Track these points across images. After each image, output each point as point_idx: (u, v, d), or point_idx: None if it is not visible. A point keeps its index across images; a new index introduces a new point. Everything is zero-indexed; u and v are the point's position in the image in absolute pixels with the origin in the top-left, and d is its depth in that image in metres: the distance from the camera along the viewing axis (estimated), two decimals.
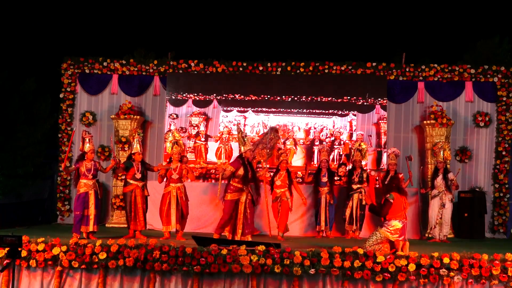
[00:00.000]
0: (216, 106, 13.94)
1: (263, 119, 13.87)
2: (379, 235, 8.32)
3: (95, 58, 14.08)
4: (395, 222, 8.32)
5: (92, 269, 7.88)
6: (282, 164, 11.41)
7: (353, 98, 13.71)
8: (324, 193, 11.84)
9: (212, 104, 13.94)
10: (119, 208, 13.19)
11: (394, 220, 8.34)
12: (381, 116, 13.78)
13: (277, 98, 13.77)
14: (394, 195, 8.39)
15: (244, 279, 7.69)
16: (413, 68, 13.82)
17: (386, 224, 8.40)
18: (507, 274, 7.44)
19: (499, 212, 13.39)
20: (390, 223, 8.34)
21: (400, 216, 8.39)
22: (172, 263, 7.66)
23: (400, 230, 8.30)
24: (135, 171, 10.34)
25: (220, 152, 13.66)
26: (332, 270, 7.53)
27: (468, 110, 13.83)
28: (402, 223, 8.36)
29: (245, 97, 13.87)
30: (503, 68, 13.69)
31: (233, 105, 13.94)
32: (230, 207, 9.86)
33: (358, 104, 13.73)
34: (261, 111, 13.93)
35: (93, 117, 14.01)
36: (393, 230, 8.27)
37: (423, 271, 7.46)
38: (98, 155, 13.56)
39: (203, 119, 13.96)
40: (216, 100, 13.90)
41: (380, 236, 8.30)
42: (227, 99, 13.89)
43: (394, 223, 8.31)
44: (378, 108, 13.77)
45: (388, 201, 8.38)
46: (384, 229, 8.34)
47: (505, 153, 13.54)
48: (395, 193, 8.44)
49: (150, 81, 14.09)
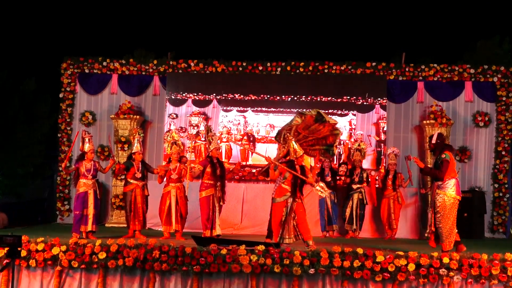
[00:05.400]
0: (215, 106, 13.93)
1: (265, 119, 13.86)
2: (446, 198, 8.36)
3: (95, 58, 14.08)
4: (453, 180, 8.39)
5: (92, 269, 7.86)
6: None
7: (353, 98, 13.70)
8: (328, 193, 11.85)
9: (212, 104, 13.94)
10: (118, 207, 13.19)
11: (451, 179, 8.40)
12: (380, 116, 13.78)
13: (277, 98, 13.76)
14: (448, 154, 8.44)
15: (243, 279, 7.68)
16: (412, 68, 13.82)
17: (445, 186, 8.42)
18: (507, 274, 7.44)
19: (498, 212, 13.39)
20: (449, 183, 8.40)
21: (455, 174, 8.47)
22: (171, 263, 7.66)
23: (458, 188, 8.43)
24: (135, 171, 10.37)
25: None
26: (331, 270, 7.52)
27: (467, 110, 13.82)
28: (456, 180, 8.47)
29: (245, 97, 13.86)
30: (502, 68, 13.69)
31: (233, 104, 13.94)
32: (207, 203, 9.94)
33: (357, 104, 13.73)
34: (260, 110, 13.92)
35: (93, 117, 14.00)
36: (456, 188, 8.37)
37: (423, 271, 7.45)
38: (98, 155, 13.54)
39: (203, 118, 13.96)
40: (215, 99, 13.90)
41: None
42: (227, 98, 13.89)
43: (452, 182, 8.39)
44: (378, 108, 13.77)
45: (445, 160, 8.37)
46: (449, 191, 8.36)
47: (505, 153, 13.54)
48: (448, 151, 8.49)
49: (150, 81, 14.10)
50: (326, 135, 10.04)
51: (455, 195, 8.35)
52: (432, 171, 8.68)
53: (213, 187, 10.02)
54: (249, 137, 13.90)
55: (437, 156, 8.60)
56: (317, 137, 10.02)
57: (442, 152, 8.50)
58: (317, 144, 10.07)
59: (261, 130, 13.91)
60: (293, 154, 9.14)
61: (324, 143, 10.09)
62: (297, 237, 9.03)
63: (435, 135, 8.77)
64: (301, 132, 9.95)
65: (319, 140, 10.07)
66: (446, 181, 8.38)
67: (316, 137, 10.01)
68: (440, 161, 8.44)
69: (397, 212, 12.07)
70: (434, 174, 8.60)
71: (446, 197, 8.33)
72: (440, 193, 8.40)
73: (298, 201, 9.08)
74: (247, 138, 13.88)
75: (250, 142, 13.83)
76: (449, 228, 8.28)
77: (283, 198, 9.05)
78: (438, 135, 8.78)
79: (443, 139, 8.85)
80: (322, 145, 10.09)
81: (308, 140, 9.98)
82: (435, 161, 8.73)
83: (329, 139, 10.09)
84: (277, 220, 9.08)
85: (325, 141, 10.09)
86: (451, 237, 8.30)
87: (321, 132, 10.00)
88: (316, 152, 10.10)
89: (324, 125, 10.00)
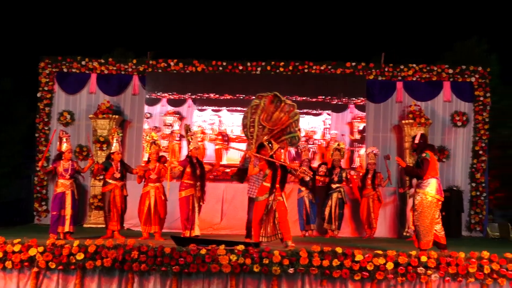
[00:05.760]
0: (190, 106, 13.91)
1: (240, 119, 13.83)
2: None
3: (73, 57, 14.00)
4: (433, 180, 8.43)
5: (69, 270, 7.75)
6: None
7: (328, 98, 13.77)
8: (306, 192, 11.88)
9: (187, 103, 13.90)
10: (97, 208, 13.11)
11: (431, 178, 8.44)
12: (354, 115, 13.87)
13: (252, 97, 13.73)
14: (429, 153, 8.49)
15: (223, 279, 7.63)
16: (392, 68, 13.91)
17: (425, 184, 8.46)
18: (483, 272, 7.49)
19: (475, 211, 13.54)
20: (429, 182, 8.43)
21: (436, 174, 8.52)
22: (150, 263, 7.58)
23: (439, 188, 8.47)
24: (114, 171, 10.31)
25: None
26: (310, 269, 7.51)
27: (446, 109, 13.95)
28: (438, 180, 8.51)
29: (220, 96, 13.86)
30: (480, 69, 13.83)
31: (208, 104, 13.92)
32: (187, 203, 9.91)
33: (332, 103, 13.80)
34: (235, 110, 13.91)
35: (71, 116, 13.90)
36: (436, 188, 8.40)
37: (401, 270, 7.47)
38: (76, 155, 13.45)
39: (178, 118, 13.94)
40: (190, 99, 13.87)
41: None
42: (202, 98, 13.87)
43: (432, 181, 8.42)
44: (352, 107, 13.88)
45: (425, 159, 8.43)
46: (428, 189, 8.40)
47: (482, 152, 13.69)
48: (430, 151, 8.54)
49: (129, 81, 14.05)
50: (288, 124, 10.15)
51: (435, 194, 8.40)
52: (414, 170, 8.76)
53: (193, 187, 9.98)
54: (223, 137, 13.90)
55: (418, 155, 8.68)
56: (281, 127, 10.11)
57: (423, 152, 8.57)
58: (283, 135, 10.20)
59: (235, 129, 13.87)
60: (269, 150, 9.15)
61: (288, 131, 10.22)
62: (277, 236, 9.01)
63: (418, 135, 8.85)
64: (265, 124, 10.08)
65: (283, 130, 10.18)
66: (426, 180, 8.45)
67: (279, 128, 10.11)
68: (421, 160, 8.52)
69: (376, 211, 12.13)
70: (415, 172, 8.68)
71: (425, 196, 8.39)
72: (419, 191, 8.47)
73: (280, 199, 9.03)
74: (221, 138, 13.86)
75: (225, 142, 13.82)
76: (427, 226, 8.34)
77: (264, 196, 9.01)
78: (421, 135, 8.86)
79: (426, 139, 8.94)
80: (287, 134, 10.20)
81: (274, 134, 10.06)
82: (416, 160, 8.80)
83: (291, 126, 10.22)
84: (257, 219, 9.05)
85: (289, 129, 10.20)
86: (428, 235, 8.35)
87: (283, 121, 10.13)
88: (284, 143, 10.18)
89: (284, 112, 10.15)
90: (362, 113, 13.91)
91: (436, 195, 8.41)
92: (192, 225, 9.91)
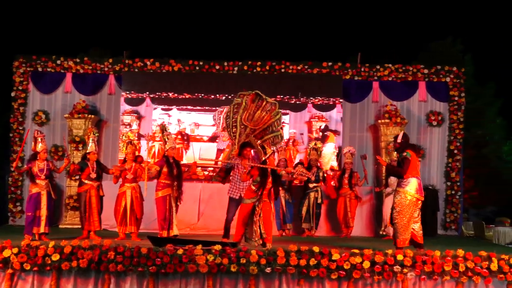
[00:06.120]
0: (149, 105, 13.87)
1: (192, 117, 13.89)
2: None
3: (48, 56, 13.85)
4: (414, 179, 8.48)
5: (45, 271, 7.66)
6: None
7: (286, 97, 13.79)
8: (283, 192, 11.90)
9: (145, 102, 13.88)
10: (73, 208, 12.99)
11: (412, 178, 8.49)
12: (312, 114, 14.08)
13: (204, 96, 13.85)
14: (410, 152, 8.55)
15: (200, 279, 7.61)
16: (368, 68, 13.99)
17: (405, 183, 8.52)
18: (459, 270, 7.56)
19: (451, 210, 13.68)
20: (409, 181, 8.49)
21: (417, 174, 8.59)
22: (127, 264, 7.53)
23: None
24: (90, 171, 10.22)
25: (153, 151, 13.63)
26: (288, 269, 7.52)
27: (421, 109, 14.07)
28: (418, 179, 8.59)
29: (179, 96, 13.84)
30: (455, 69, 13.98)
31: (165, 103, 13.95)
32: (164, 203, 9.86)
33: (290, 102, 13.84)
34: (186, 109, 14.04)
35: (46, 116, 13.74)
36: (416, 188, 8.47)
37: (378, 268, 7.51)
38: (52, 155, 13.31)
39: (135, 117, 13.93)
40: (149, 98, 13.83)
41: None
42: (160, 97, 13.84)
43: (413, 181, 8.46)
44: (310, 106, 14.04)
45: (406, 159, 8.49)
46: (408, 188, 8.47)
47: (457, 151, 13.83)
48: (411, 150, 8.60)
49: (105, 80, 13.93)
50: (270, 123, 10.14)
51: (414, 193, 8.48)
52: (395, 169, 8.84)
53: (170, 187, 9.93)
54: (182, 136, 13.93)
55: (400, 155, 8.76)
56: (263, 127, 10.10)
57: (405, 151, 8.65)
58: (265, 134, 10.19)
59: (202, 129, 14.00)
60: (263, 155, 9.13)
61: (270, 130, 10.21)
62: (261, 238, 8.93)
63: (400, 135, 8.92)
64: (248, 124, 10.05)
65: (265, 130, 10.17)
66: (407, 179, 8.53)
67: (261, 127, 10.10)
68: (401, 159, 8.60)
69: (353, 210, 12.19)
70: (396, 171, 8.76)
71: (404, 195, 8.47)
72: (400, 190, 8.55)
73: (266, 200, 8.99)
74: (181, 137, 13.85)
75: (185, 141, 13.82)
76: (404, 225, 8.42)
77: (251, 200, 8.99)
78: (403, 135, 8.93)
79: (407, 139, 8.99)
80: (269, 133, 10.19)
81: (257, 134, 10.05)
82: (397, 160, 8.88)
83: (273, 125, 10.21)
84: (240, 219, 9.05)
85: (271, 128, 10.20)
86: (405, 234, 8.42)
87: (265, 120, 10.13)
88: (267, 143, 10.17)
89: (264, 109, 10.12)
90: (320, 112, 14.03)
91: (416, 194, 8.49)
92: (170, 225, 9.87)
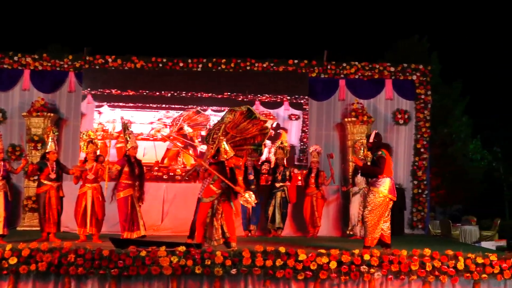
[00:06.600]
0: (90, 102, 13.58)
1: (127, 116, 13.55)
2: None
3: (5, 52, 13.52)
4: (387, 179, 8.45)
5: (2, 275, 7.46)
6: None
7: (234, 95, 13.67)
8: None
9: (86, 99, 13.56)
10: (31, 210, 12.66)
11: (386, 177, 8.45)
12: (260, 112, 13.80)
13: (145, 93, 13.60)
14: (384, 151, 8.52)
15: (164, 281, 7.49)
16: (334, 65, 13.94)
17: (378, 183, 8.49)
18: (425, 269, 7.58)
19: (417, 209, 13.72)
20: (382, 180, 8.46)
21: (390, 173, 8.59)
22: (88, 267, 7.38)
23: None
24: (49, 171, 9.96)
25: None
26: (253, 270, 7.44)
27: (388, 107, 14.09)
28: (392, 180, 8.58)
29: (122, 92, 13.55)
30: (421, 67, 14.04)
31: (107, 100, 13.59)
32: (125, 204, 9.72)
33: (238, 100, 13.62)
34: (122, 106, 13.69)
35: (3, 114, 13.39)
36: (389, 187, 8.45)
37: (344, 268, 7.48)
38: (9, 154, 12.96)
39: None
40: (90, 95, 13.54)
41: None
42: (103, 94, 13.55)
43: (386, 180, 8.43)
44: (258, 104, 13.82)
45: (382, 157, 8.44)
46: (381, 188, 8.44)
47: (423, 150, 13.88)
48: (384, 149, 8.58)
49: (65, 77, 13.63)
50: (254, 135, 9.85)
51: (387, 193, 8.46)
52: (371, 168, 8.80)
53: (132, 187, 9.78)
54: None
55: (373, 154, 8.70)
56: (245, 136, 9.81)
57: (379, 150, 8.59)
58: (245, 144, 9.85)
59: (146, 127, 13.69)
60: (224, 155, 8.93)
61: (252, 142, 9.89)
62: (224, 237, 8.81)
63: (373, 134, 8.91)
64: (230, 131, 9.72)
65: (247, 139, 9.86)
66: (381, 179, 8.50)
67: (244, 136, 9.79)
68: (377, 158, 8.57)
69: (320, 210, 12.10)
70: (372, 170, 8.73)
71: (378, 194, 8.47)
72: (373, 189, 8.56)
73: (225, 200, 8.84)
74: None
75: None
76: (374, 224, 8.40)
77: (209, 199, 8.85)
78: (376, 134, 8.91)
79: (380, 138, 8.99)
80: (250, 145, 9.88)
81: (236, 141, 9.73)
82: (372, 159, 8.83)
83: (257, 138, 9.90)
84: (200, 219, 8.88)
85: (253, 140, 9.88)
86: (374, 233, 8.41)
87: (250, 131, 9.80)
88: (244, 153, 9.88)
89: (253, 124, 9.80)
90: (268, 110, 13.85)
91: (389, 194, 8.49)
92: (136, 226, 9.74)
